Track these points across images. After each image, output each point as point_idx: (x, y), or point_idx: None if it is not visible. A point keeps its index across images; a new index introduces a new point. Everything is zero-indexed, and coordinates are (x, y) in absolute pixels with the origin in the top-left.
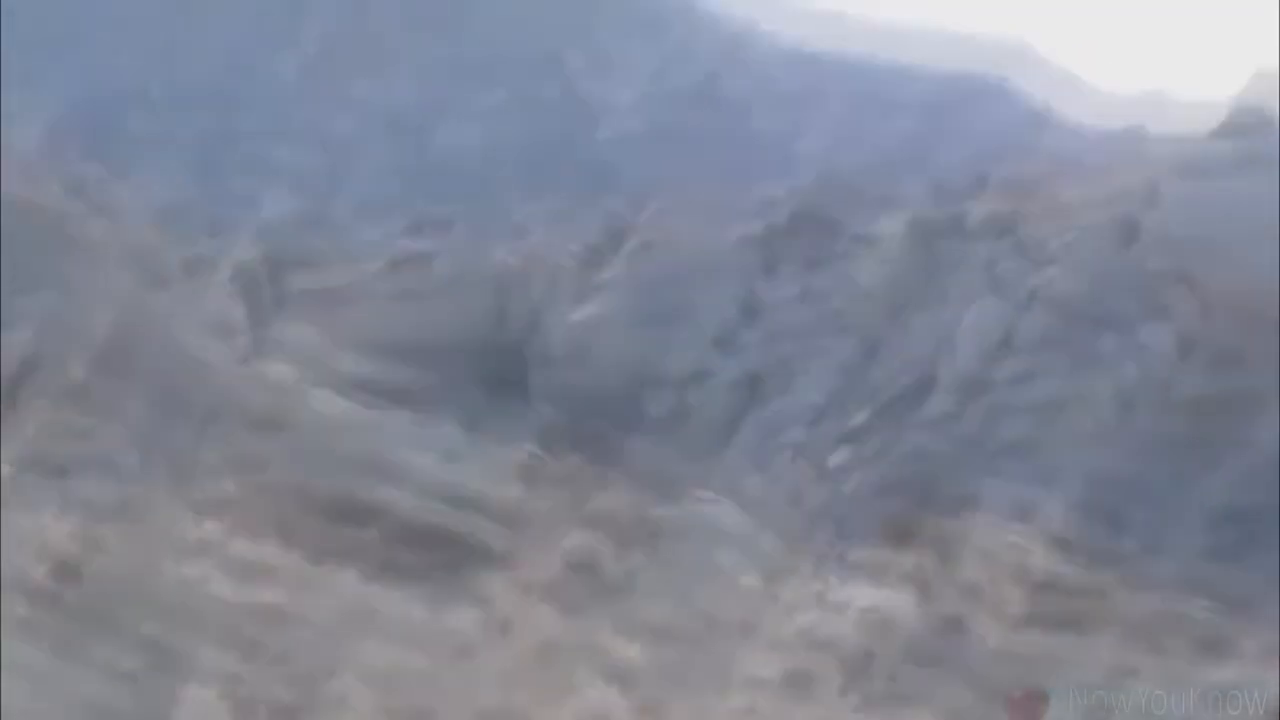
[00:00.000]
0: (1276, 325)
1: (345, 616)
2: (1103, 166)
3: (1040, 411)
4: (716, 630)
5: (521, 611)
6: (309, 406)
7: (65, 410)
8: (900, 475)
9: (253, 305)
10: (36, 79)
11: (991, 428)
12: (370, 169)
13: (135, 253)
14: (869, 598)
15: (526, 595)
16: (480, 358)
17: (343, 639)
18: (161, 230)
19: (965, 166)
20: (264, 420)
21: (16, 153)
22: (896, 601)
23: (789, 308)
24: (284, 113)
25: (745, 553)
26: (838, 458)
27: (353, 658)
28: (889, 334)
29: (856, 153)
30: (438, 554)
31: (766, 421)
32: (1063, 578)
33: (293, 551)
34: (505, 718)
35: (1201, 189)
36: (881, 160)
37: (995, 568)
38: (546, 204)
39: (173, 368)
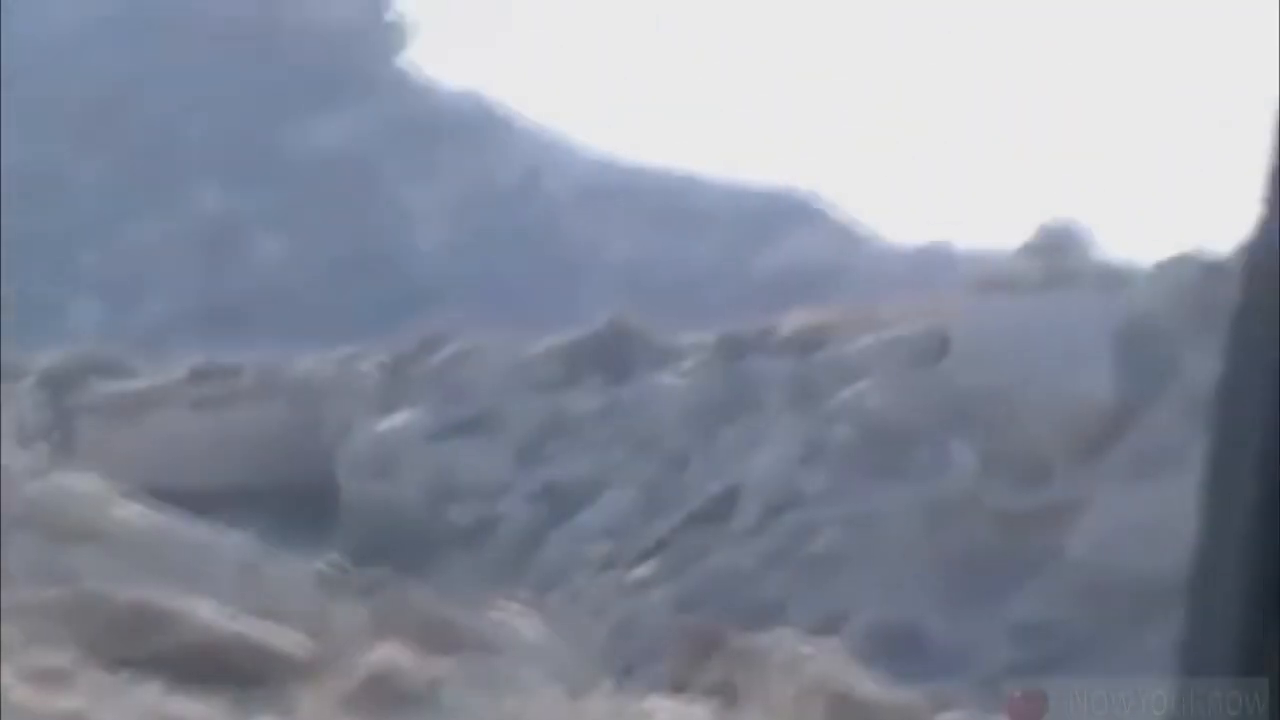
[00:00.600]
0: (1084, 439)
1: None
2: (912, 281)
3: (847, 525)
4: None
5: None
6: (111, 515)
7: None
8: (705, 589)
9: (56, 413)
10: None
11: (798, 541)
12: (178, 276)
13: None
14: (671, 712)
15: (331, 706)
16: (286, 467)
17: None
18: None
19: (775, 279)
20: (66, 528)
21: None
22: (699, 716)
23: (596, 419)
24: (91, 220)
25: (548, 665)
26: (642, 571)
27: None
28: (696, 447)
29: (667, 264)
30: (240, 664)
31: (571, 533)
32: (868, 694)
33: (93, 660)
34: None
35: (1010, 304)
36: (692, 271)
37: (799, 682)
38: (355, 311)
39: None
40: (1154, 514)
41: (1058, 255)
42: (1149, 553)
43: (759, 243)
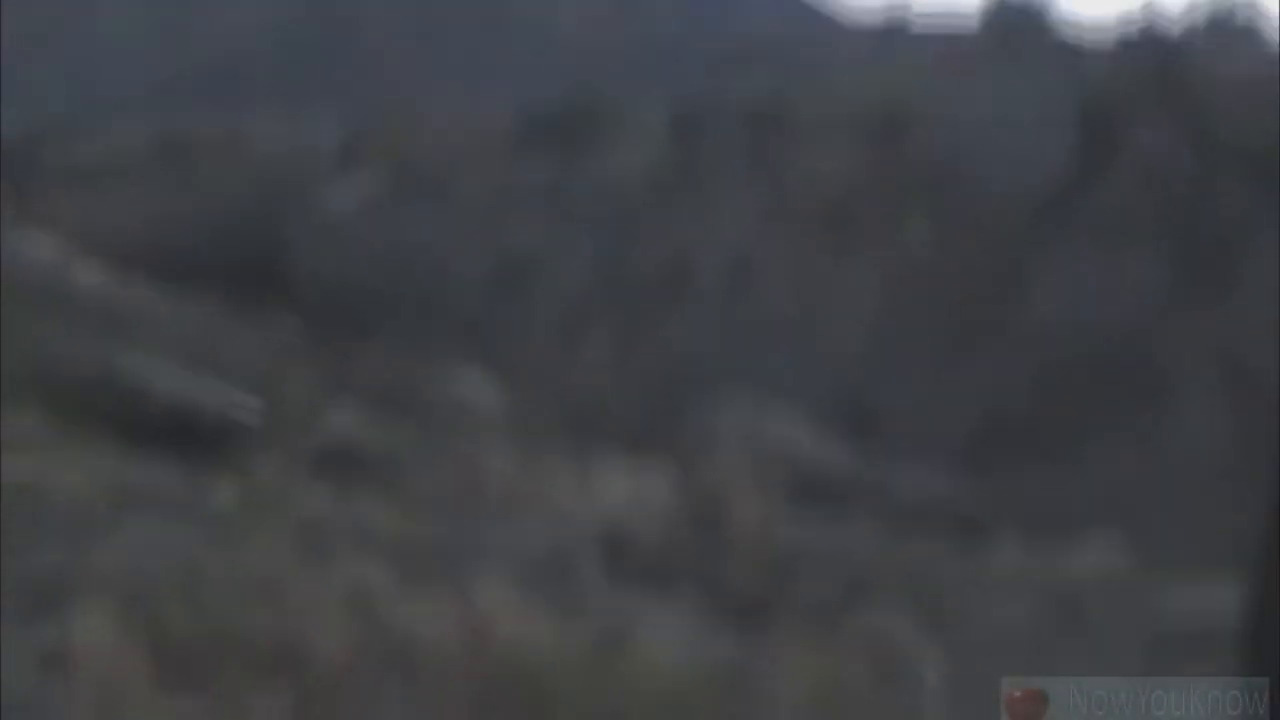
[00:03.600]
0: (1038, 209)
1: (102, 491)
2: (870, 56)
3: (803, 294)
4: (477, 508)
5: (282, 487)
6: (70, 280)
7: None
8: (661, 359)
9: (14, 182)
10: None
11: (754, 310)
12: (131, 52)
13: None
14: (628, 481)
15: (287, 472)
16: (241, 237)
17: (100, 513)
18: None
19: (729, 50)
20: (25, 290)
21: None
22: (656, 485)
23: (549, 191)
24: None
25: (507, 433)
26: (598, 339)
27: (110, 531)
28: (651, 217)
29: (617, 35)
30: (197, 430)
31: (528, 304)
32: (824, 464)
33: (47, 425)
34: (265, 589)
35: (967, 79)
36: (643, 43)
37: (757, 453)
38: (306, 89)
39: None
40: (1107, 280)
41: (1017, 30)
42: (1104, 315)
43: (716, 13)
